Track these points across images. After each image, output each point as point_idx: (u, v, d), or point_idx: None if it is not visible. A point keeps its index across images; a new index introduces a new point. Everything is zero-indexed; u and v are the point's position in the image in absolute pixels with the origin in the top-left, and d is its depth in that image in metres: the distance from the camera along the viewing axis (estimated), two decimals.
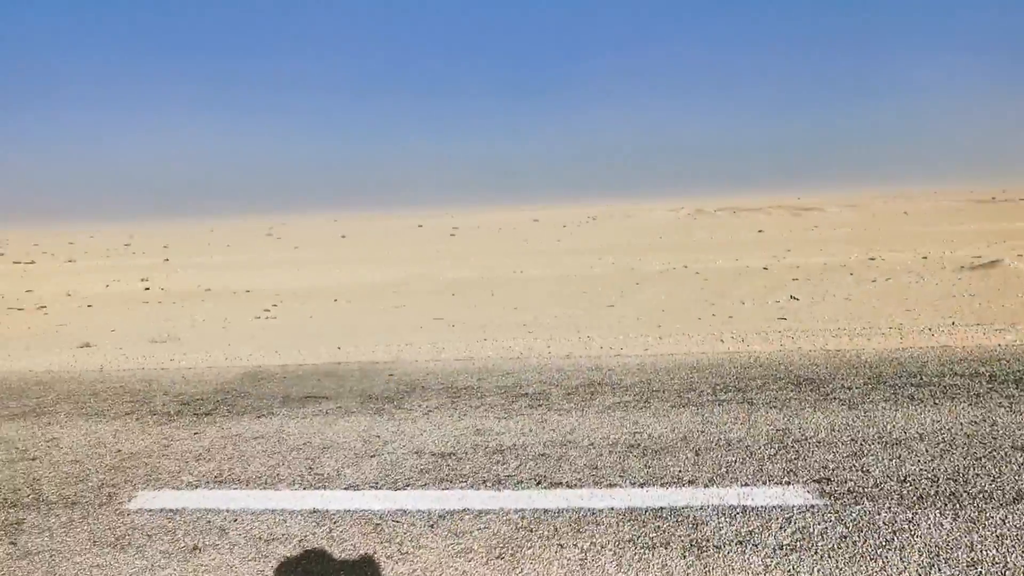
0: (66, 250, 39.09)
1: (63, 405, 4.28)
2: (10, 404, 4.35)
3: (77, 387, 4.79)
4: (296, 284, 16.01)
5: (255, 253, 27.74)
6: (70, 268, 24.30)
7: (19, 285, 18.93)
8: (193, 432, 3.58)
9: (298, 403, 4.03)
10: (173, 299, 14.45)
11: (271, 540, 2.37)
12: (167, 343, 7.58)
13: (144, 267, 22.90)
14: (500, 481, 2.76)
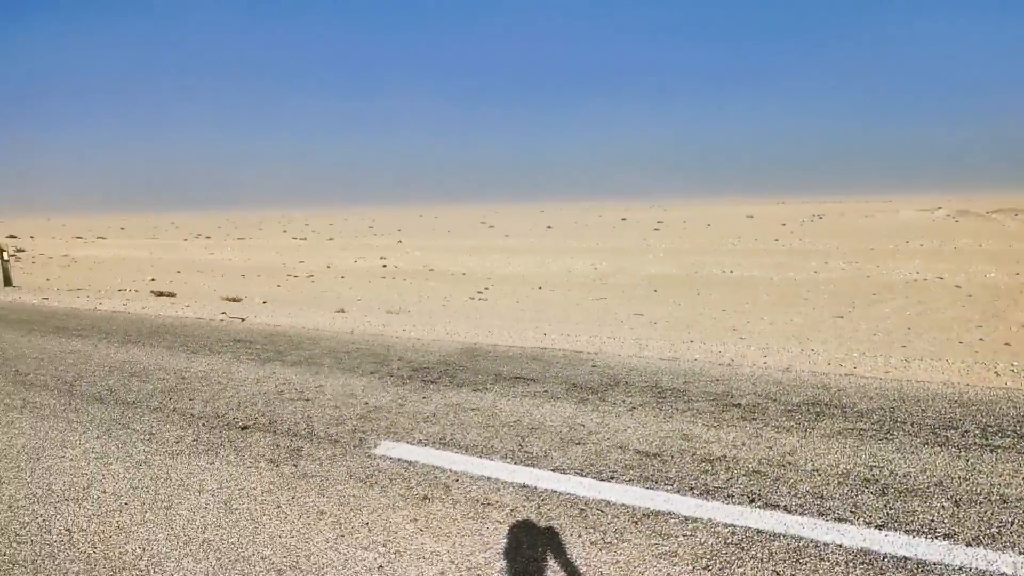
0: (328, 230, 47.07)
1: (326, 359, 5.19)
2: (292, 353, 5.43)
3: (336, 344, 5.77)
4: (505, 270, 17.12)
5: (471, 239, 30.35)
6: (330, 245, 29.24)
7: (295, 257, 23.34)
8: (422, 396, 4.07)
9: (509, 382, 4.32)
10: (404, 276, 16.52)
11: (487, 504, 2.60)
12: (399, 314, 8.71)
13: (383, 247, 26.54)
14: (709, 491, 2.64)
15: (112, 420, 3.76)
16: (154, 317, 7.70)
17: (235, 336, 6.29)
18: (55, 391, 4.39)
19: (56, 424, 3.71)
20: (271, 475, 2.95)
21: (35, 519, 2.59)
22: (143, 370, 4.92)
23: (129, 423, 3.70)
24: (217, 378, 4.63)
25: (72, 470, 3.06)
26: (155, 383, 4.54)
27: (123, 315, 7.91)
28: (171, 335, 6.40)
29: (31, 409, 4.00)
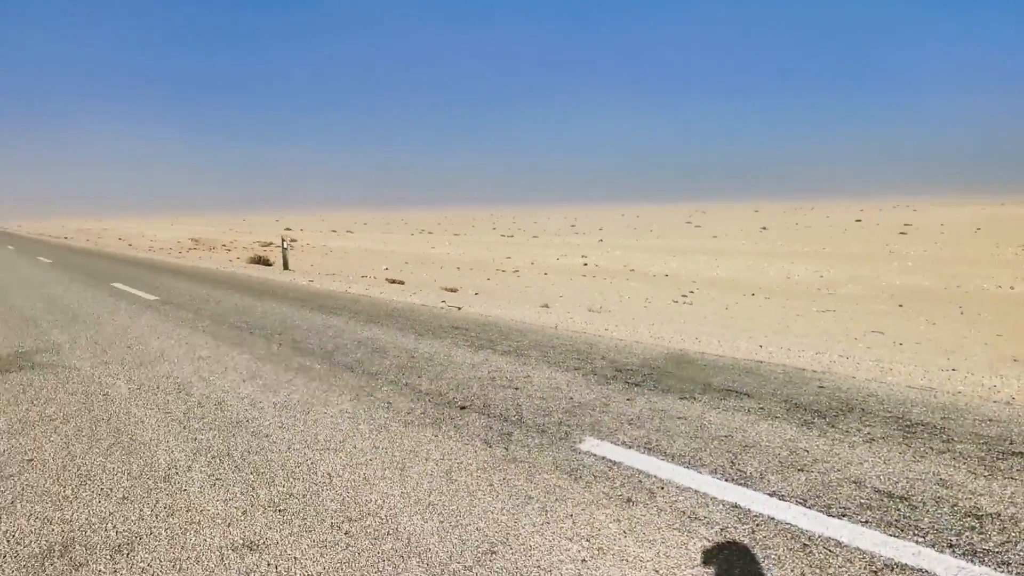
0: (532, 227, 49.41)
1: (532, 351, 5.45)
2: (502, 343, 5.81)
3: (541, 338, 6.03)
4: (712, 273, 16.15)
5: (675, 239, 29.25)
6: (534, 242, 30.66)
7: (502, 252, 24.94)
8: (626, 398, 4.04)
9: (719, 394, 4.07)
10: (604, 275, 16.59)
11: (694, 518, 2.47)
12: (600, 313, 8.76)
13: (584, 245, 27.00)
14: (976, 553, 2.17)
15: (360, 387, 4.43)
16: (389, 301, 8.88)
17: (453, 323, 6.94)
18: (320, 358, 5.32)
19: (320, 385, 4.50)
20: (485, 455, 3.19)
21: (305, 461, 3.17)
22: (382, 347, 5.71)
23: (372, 391, 4.33)
24: (440, 360, 5.16)
25: (331, 425, 3.68)
26: (391, 359, 5.23)
27: (366, 298, 9.27)
28: (402, 318, 7.31)
29: (303, 371, 4.91)
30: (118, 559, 2.34)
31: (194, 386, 4.54)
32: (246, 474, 3.04)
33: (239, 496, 2.81)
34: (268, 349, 5.70)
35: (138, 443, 3.47)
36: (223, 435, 3.55)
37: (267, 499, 2.77)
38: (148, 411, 4.01)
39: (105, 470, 3.13)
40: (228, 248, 30.36)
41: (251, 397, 4.25)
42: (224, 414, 3.91)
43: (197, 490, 2.88)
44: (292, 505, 2.71)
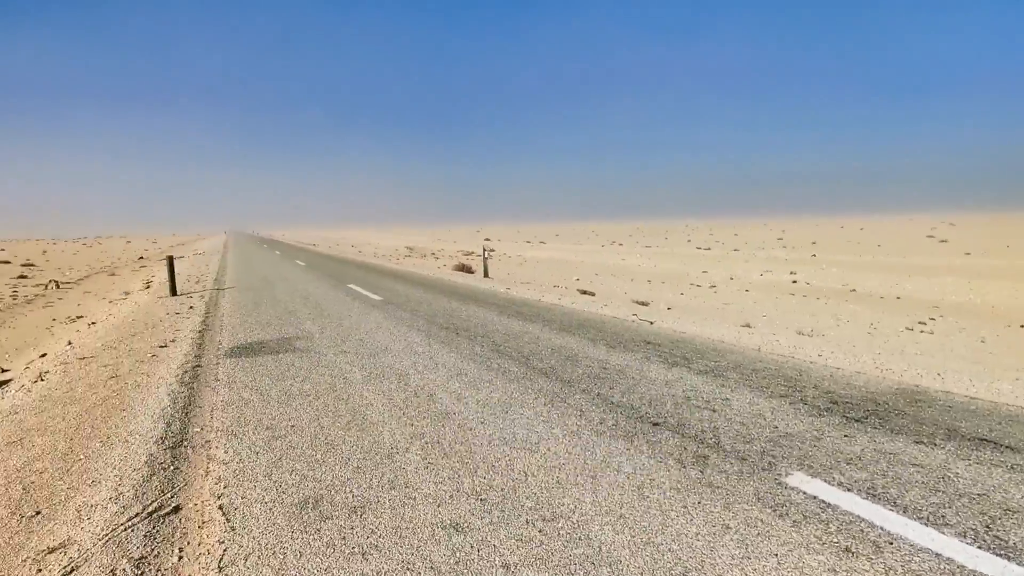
0: (732, 240, 46.30)
1: (731, 373, 5.12)
2: (697, 361, 5.56)
3: (741, 360, 5.63)
4: (962, 297, 13.48)
5: (910, 256, 25.00)
6: (734, 256, 28.67)
7: (698, 266, 23.77)
8: (843, 434, 3.59)
9: (970, 443, 3.39)
10: (817, 295, 14.85)
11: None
12: (812, 337, 7.86)
13: (793, 261, 24.47)
14: None
15: (554, 393, 4.60)
16: (580, 312, 9.05)
17: (645, 337, 6.83)
18: (517, 361, 5.65)
19: (518, 387, 4.78)
20: (678, 475, 3.10)
21: (504, 457, 3.39)
22: (574, 356, 5.85)
23: (566, 398, 4.46)
24: (631, 374, 5.13)
25: (527, 426, 3.89)
26: (583, 368, 5.34)
27: (558, 308, 9.57)
28: (593, 329, 7.40)
29: (503, 372, 5.26)
30: (353, 519, 2.76)
31: (411, 378, 5.15)
32: (453, 461, 3.36)
33: (447, 481, 3.12)
34: (472, 350, 6.22)
35: (368, 422, 4.05)
36: (434, 424, 3.97)
37: (470, 487, 3.03)
38: (376, 396, 4.66)
39: (344, 442, 3.71)
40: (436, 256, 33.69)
41: (457, 392, 4.68)
42: (435, 406, 4.37)
43: (413, 470, 3.26)
44: (492, 496, 2.93)
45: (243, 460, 3.48)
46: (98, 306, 13.40)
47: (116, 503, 3.02)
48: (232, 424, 4.12)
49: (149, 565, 2.47)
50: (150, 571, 2.43)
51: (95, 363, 6.39)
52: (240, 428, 4.03)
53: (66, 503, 3.07)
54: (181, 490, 3.15)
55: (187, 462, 3.52)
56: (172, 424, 4.18)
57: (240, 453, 3.59)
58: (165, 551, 2.58)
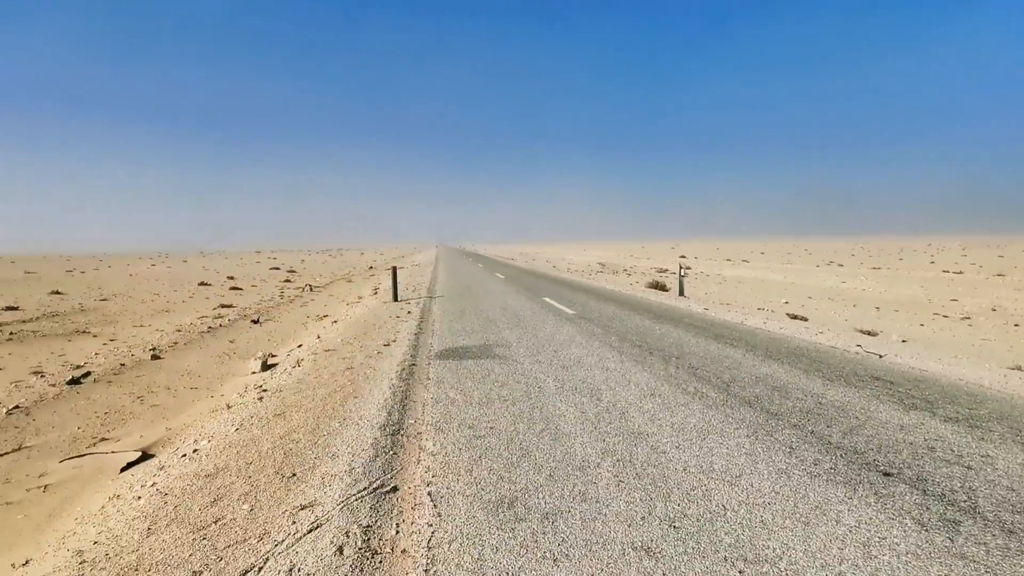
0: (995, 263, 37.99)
1: (996, 425, 4.17)
2: (944, 407, 4.64)
3: (1010, 410, 4.56)
4: None
5: None
6: (997, 282, 23.44)
7: (945, 293, 19.92)
8: None
9: None
10: None
11: None
12: None
13: None
14: None
15: (758, 425, 4.22)
16: (790, 338, 8.18)
17: (872, 372, 5.91)
18: (715, 387, 5.31)
19: (716, 414, 4.48)
20: (918, 538, 2.61)
21: (700, 486, 3.20)
22: (783, 386, 5.30)
23: (772, 432, 4.06)
24: (855, 412, 4.47)
25: (727, 456, 3.62)
26: (794, 401, 4.81)
27: (763, 332, 8.76)
28: (806, 359, 6.63)
29: (699, 397, 4.98)
30: (546, 524, 2.84)
31: (603, 393, 5.14)
32: (645, 483, 3.26)
33: (639, 502, 3.04)
34: (666, 370, 6.00)
35: (561, 433, 4.14)
36: (626, 442, 3.91)
37: (663, 512, 2.92)
38: (568, 407, 4.75)
39: (538, 449, 3.84)
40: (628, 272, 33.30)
41: (651, 412, 4.55)
42: (627, 424, 4.30)
43: (604, 486, 3.25)
44: (686, 525, 2.78)
45: (448, 454, 3.81)
46: (338, 307, 15.85)
47: (350, 475, 3.52)
48: (440, 420, 4.54)
49: (374, 533, 2.83)
50: (375, 539, 2.78)
51: (336, 355, 7.56)
52: (446, 424, 4.42)
53: (313, 470, 3.67)
54: (398, 473, 3.55)
55: (403, 449, 3.96)
56: (392, 414, 4.75)
57: (446, 447, 3.94)
58: (386, 524, 2.93)
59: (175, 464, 4.16)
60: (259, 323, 12.79)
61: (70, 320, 13.34)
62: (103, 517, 3.49)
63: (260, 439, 4.38)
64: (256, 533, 2.91)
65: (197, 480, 3.71)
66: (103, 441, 5.22)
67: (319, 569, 2.54)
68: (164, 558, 2.76)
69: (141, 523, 3.21)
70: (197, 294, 20.20)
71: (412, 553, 2.64)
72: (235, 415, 5.24)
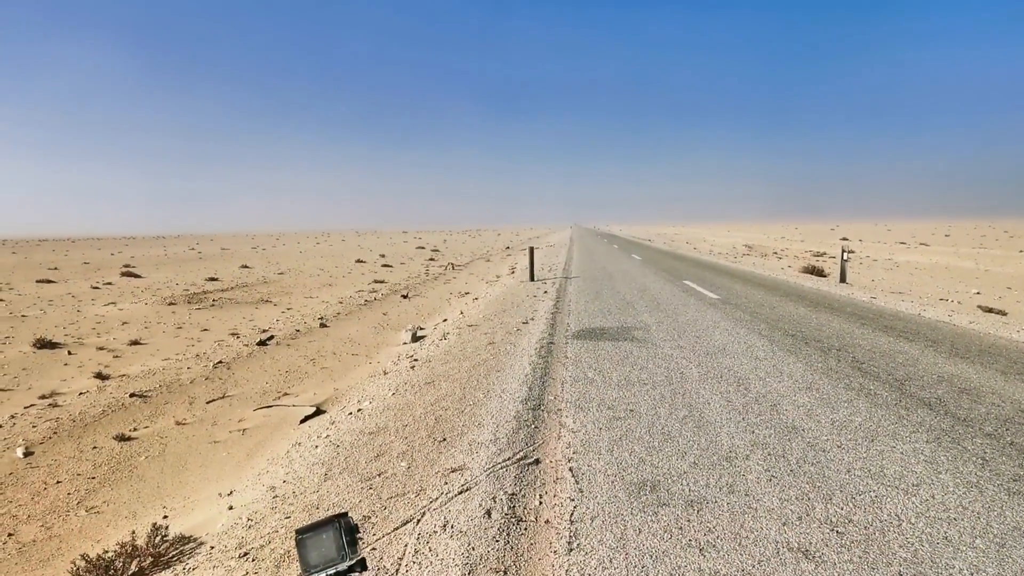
0: None
1: None
2: None
3: None
4: None
5: None
6: None
7: None
8: None
9: None
10: None
11: None
12: None
13: None
14: None
15: (941, 430, 3.72)
16: (983, 335, 7.05)
17: None
18: (886, 384, 4.75)
19: (888, 415, 4.02)
20: None
21: (868, 491, 2.91)
22: (974, 389, 4.60)
23: (959, 440, 3.56)
24: None
25: (902, 462, 3.24)
26: (988, 407, 4.16)
27: (947, 326, 7.65)
28: (1005, 359, 5.68)
29: (866, 394, 4.50)
30: (690, 512, 2.76)
31: (752, 383, 4.85)
32: (801, 481, 3.04)
33: (794, 500, 2.85)
34: (825, 363, 5.49)
35: (705, 421, 3.98)
36: (779, 436, 3.66)
37: (823, 514, 2.70)
38: (713, 395, 4.54)
39: (681, 435, 3.74)
40: (779, 256, 30.73)
41: (807, 407, 4.20)
42: (779, 417, 4.02)
43: (754, 479, 3.08)
44: (851, 532, 2.55)
45: (588, 432, 3.85)
46: (478, 285, 16.57)
47: (495, 444, 3.71)
48: (578, 398, 4.59)
49: (518, 502, 2.96)
50: (519, 506, 2.91)
51: (478, 331, 7.93)
52: (585, 403, 4.46)
53: (462, 436, 3.91)
54: (540, 447, 3.67)
55: (544, 424, 4.07)
56: (533, 389, 4.89)
57: (586, 425, 3.98)
58: (529, 494, 3.05)
59: (343, 420, 4.68)
60: (408, 298, 13.80)
61: (256, 290, 15.43)
62: (288, 460, 4.04)
63: (414, 404, 4.76)
64: (414, 489, 3.19)
65: (362, 436, 4.14)
66: (285, 395, 6.02)
67: (470, 528, 2.71)
68: (339, 500, 3.13)
69: (319, 468, 3.66)
70: (354, 270, 22.27)
71: (555, 524, 2.73)
72: (391, 381, 5.74)
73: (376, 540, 2.66)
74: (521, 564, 2.42)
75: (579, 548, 2.50)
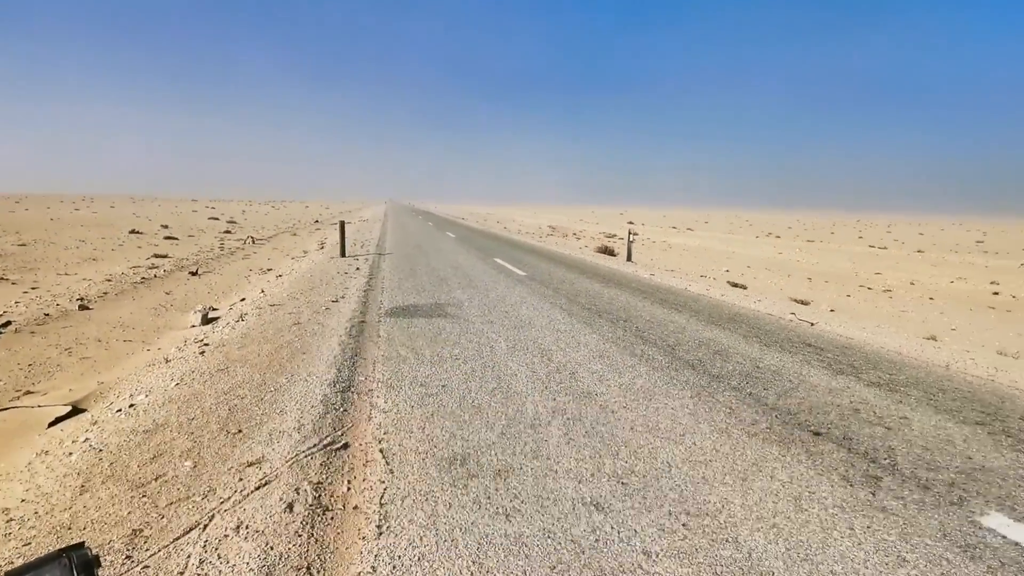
0: (916, 240, 40.52)
1: (912, 390, 4.51)
2: (868, 372, 4.98)
3: (923, 376, 4.94)
4: None
5: None
6: (916, 258, 25.09)
7: (870, 267, 21.17)
8: None
9: None
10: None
11: None
12: (1019, 360, 6.65)
13: (995, 269, 20.83)
14: None
15: (701, 386, 4.41)
16: (730, 305, 8.52)
17: (804, 339, 6.26)
18: (661, 350, 5.49)
19: (662, 376, 4.65)
20: (843, 492, 2.81)
21: (647, 444, 3.33)
22: (724, 350, 5.54)
23: (714, 393, 4.25)
24: (789, 376, 4.74)
25: (672, 416, 3.77)
26: (734, 365, 5.04)
27: (706, 298, 9.09)
28: (745, 325, 6.94)
29: (646, 359, 5.14)
30: (498, 481, 2.89)
31: (554, 354, 5.23)
32: (594, 441, 3.37)
33: (588, 459, 3.14)
34: (614, 333, 6.15)
35: (513, 392, 4.19)
36: (576, 402, 4.01)
37: (611, 469, 3.02)
38: (520, 367, 4.80)
39: (490, 407, 3.88)
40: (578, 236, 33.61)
41: (599, 373, 4.67)
42: (577, 384, 4.40)
43: (555, 444, 3.33)
44: (633, 482, 2.89)
45: (400, 411, 3.80)
46: (283, 261, 15.30)
47: (299, 432, 3.46)
48: (391, 377, 4.51)
49: (325, 490, 2.80)
50: (325, 495, 2.76)
51: (282, 310, 7.33)
52: (398, 381, 4.40)
53: (260, 426, 3.58)
54: (349, 430, 3.52)
55: (353, 406, 3.92)
56: (342, 371, 4.67)
57: (398, 404, 3.92)
58: (337, 480, 2.91)
59: (110, 419, 3.97)
60: (198, 275, 12.20)
61: None
62: (30, 474, 3.31)
63: (203, 394, 4.23)
64: (201, 491, 2.83)
65: (134, 436, 3.56)
66: (28, 395, 4.91)
67: (268, 525, 2.50)
68: (100, 516, 2.65)
69: (73, 480, 3.06)
70: (128, 243, 19.02)
71: (364, 509, 2.64)
72: (174, 369, 5.02)
73: (149, 557, 2.30)
74: (327, 556, 2.30)
75: (389, 531, 2.45)
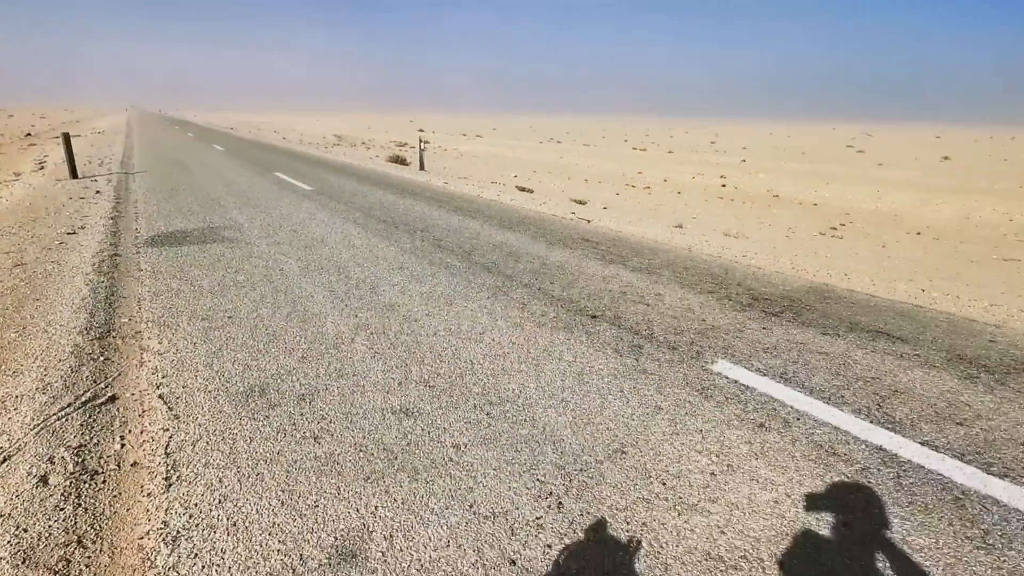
0: (668, 142, 46.60)
1: (664, 271, 5.37)
2: (632, 260, 5.77)
3: (673, 259, 5.89)
4: (871, 206, 14.47)
5: (830, 165, 26.23)
6: (669, 158, 29.05)
7: (633, 167, 23.96)
8: (762, 326, 3.91)
9: (868, 335, 3.80)
10: (744, 199, 15.47)
11: (832, 453, 2.44)
12: (738, 239, 8.29)
13: (724, 165, 25.12)
14: None
15: (496, 287, 4.69)
16: (519, 209, 9.04)
17: (583, 235, 6.96)
18: (459, 256, 5.65)
19: (460, 281, 4.82)
20: (615, 362, 3.31)
21: (450, 347, 3.49)
22: (515, 252, 5.92)
23: (508, 291, 4.56)
24: (570, 270, 5.27)
25: (472, 318, 3.98)
26: (524, 264, 5.43)
27: (497, 204, 9.49)
28: (533, 226, 7.45)
29: (445, 267, 5.27)
30: (303, 405, 2.80)
31: (352, 270, 5.06)
32: (400, 351, 3.42)
33: (395, 369, 3.19)
34: (412, 243, 6.14)
35: (310, 314, 4.00)
36: (379, 315, 3.98)
37: (418, 375, 3.12)
38: (316, 288, 4.57)
39: (287, 332, 3.67)
40: (367, 146, 32.02)
41: (400, 285, 4.67)
42: (378, 297, 4.36)
43: (360, 359, 3.30)
44: (440, 384, 3.04)
45: (180, 350, 3.40)
46: None
47: (44, 393, 2.90)
48: (163, 314, 3.96)
49: (90, 452, 2.43)
50: (91, 458, 2.40)
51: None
52: (173, 319, 3.89)
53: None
54: (115, 380, 3.06)
55: (118, 353, 3.39)
56: (96, 315, 3.96)
57: (176, 344, 3.49)
58: (105, 439, 2.54)
59: None
60: None
61: None
62: None
63: None
64: None
65: None
66: None
67: (18, 506, 2.11)
68: None
69: None
70: None
71: (147, 463, 2.37)
72: None
73: None
74: (103, 524, 2.03)
75: (180, 480, 2.25)
